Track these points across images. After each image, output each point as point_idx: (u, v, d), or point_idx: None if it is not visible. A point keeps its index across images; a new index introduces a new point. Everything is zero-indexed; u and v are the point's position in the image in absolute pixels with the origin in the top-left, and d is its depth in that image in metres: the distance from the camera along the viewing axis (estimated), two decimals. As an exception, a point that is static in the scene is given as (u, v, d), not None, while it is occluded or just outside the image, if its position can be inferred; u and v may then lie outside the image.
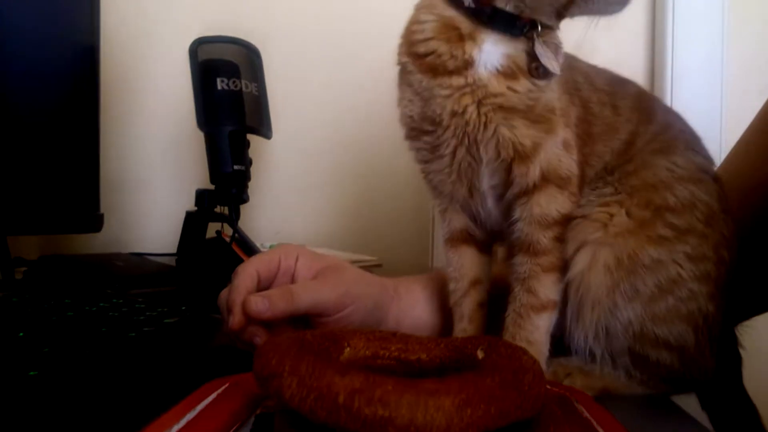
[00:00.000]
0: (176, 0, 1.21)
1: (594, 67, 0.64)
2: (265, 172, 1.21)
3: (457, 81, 0.56)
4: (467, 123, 0.56)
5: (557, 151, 0.57)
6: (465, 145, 0.58)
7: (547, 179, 0.57)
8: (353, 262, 1.05)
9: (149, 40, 1.19)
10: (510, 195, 0.59)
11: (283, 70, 1.15)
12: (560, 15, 0.58)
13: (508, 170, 0.58)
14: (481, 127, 0.56)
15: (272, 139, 1.05)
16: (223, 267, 0.94)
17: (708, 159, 0.63)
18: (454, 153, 0.59)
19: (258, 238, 1.17)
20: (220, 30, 0.99)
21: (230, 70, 0.97)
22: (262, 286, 0.58)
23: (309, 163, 1.26)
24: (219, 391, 0.42)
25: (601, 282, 0.56)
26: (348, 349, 0.46)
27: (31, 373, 0.43)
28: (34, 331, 0.53)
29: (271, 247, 1.10)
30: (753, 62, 1.30)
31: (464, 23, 0.57)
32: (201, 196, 1.01)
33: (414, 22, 0.59)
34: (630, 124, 0.61)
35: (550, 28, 0.59)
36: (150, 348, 0.53)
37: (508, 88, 0.56)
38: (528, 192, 0.57)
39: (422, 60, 0.58)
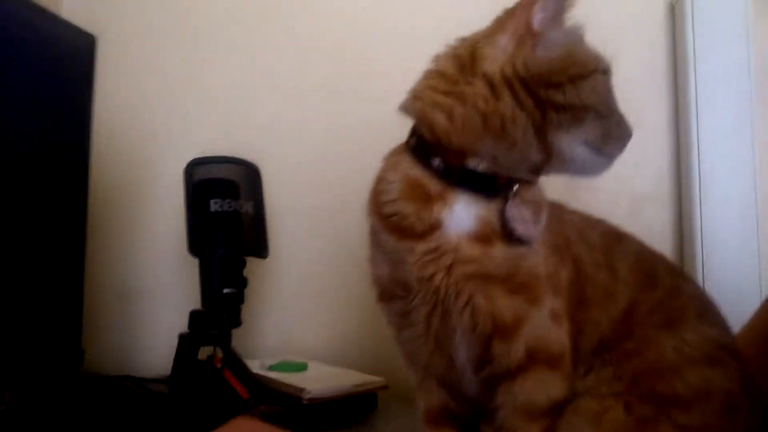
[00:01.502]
0: (170, 119, 1.21)
1: (587, 219, 0.57)
2: (267, 287, 1.16)
3: (424, 245, 0.50)
4: (437, 290, 0.50)
5: (545, 325, 0.50)
6: (439, 313, 0.51)
7: (533, 359, 0.50)
8: (358, 385, 0.98)
9: (142, 160, 1.19)
10: (490, 374, 0.51)
11: (281, 186, 1.12)
12: (537, 172, 0.52)
13: (487, 344, 0.51)
14: (453, 296, 0.50)
15: (274, 254, 1.01)
16: (215, 394, 0.90)
17: (725, 329, 0.55)
18: (428, 321, 0.52)
19: (260, 355, 1.12)
20: (216, 149, 0.96)
21: (226, 190, 0.94)
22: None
23: (312, 278, 1.21)
24: None
25: None
26: None
27: None
28: None
29: (271, 368, 1.04)
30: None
31: (433, 183, 0.51)
32: (193, 318, 0.97)
33: (380, 181, 0.54)
34: (629, 290, 0.54)
35: (530, 183, 0.52)
36: None
37: (483, 253, 0.49)
38: (511, 374, 0.50)
39: (388, 220, 0.52)
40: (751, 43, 1.11)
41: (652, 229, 1.14)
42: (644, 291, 0.54)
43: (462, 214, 0.50)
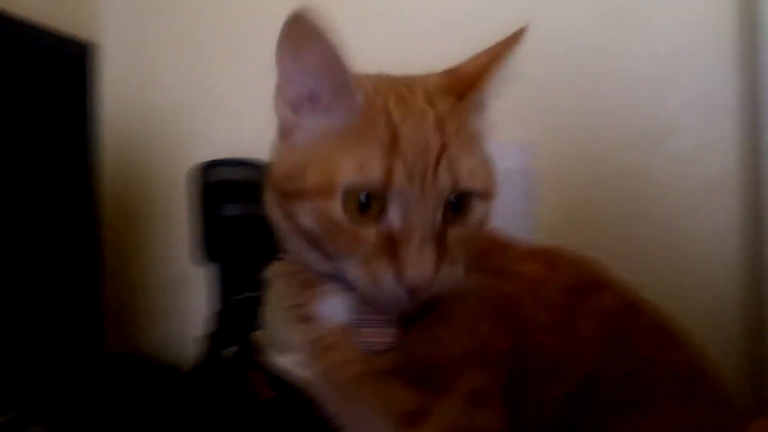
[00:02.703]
0: (180, 121, 1.21)
1: (553, 267, 0.49)
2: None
3: (311, 333, 0.46)
4: (331, 383, 0.45)
5: (460, 411, 0.43)
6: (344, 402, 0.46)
7: None
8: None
9: (151, 165, 1.19)
10: None
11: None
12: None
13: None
14: (347, 392, 0.44)
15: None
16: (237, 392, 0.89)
17: (716, 413, 0.44)
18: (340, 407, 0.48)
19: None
20: (230, 152, 0.94)
21: (241, 192, 0.92)
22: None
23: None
24: None
25: None
26: None
27: None
28: None
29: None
30: None
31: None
32: (216, 318, 0.96)
33: None
34: (589, 360, 0.45)
35: None
36: None
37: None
38: None
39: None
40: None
41: (718, 222, 1.00)
42: (610, 361, 0.44)
43: (336, 305, 0.45)
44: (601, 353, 0.45)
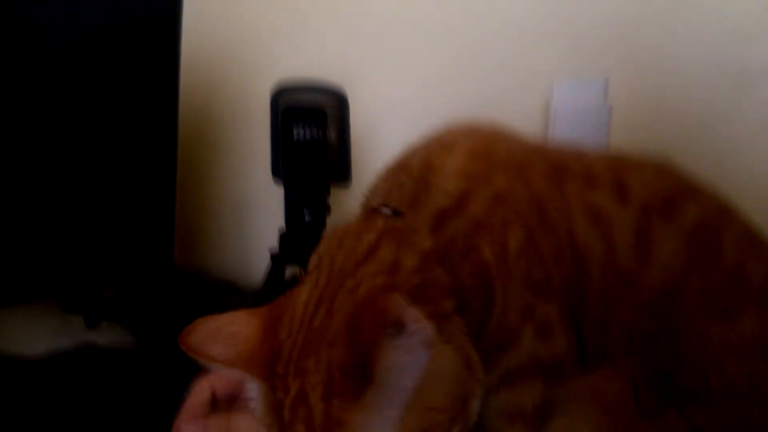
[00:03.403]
0: (257, 44, 1.21)
1: (622, 188, 0.48)
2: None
3: None
4: None
5: (533, 345, 0.45)
6: None
7: (523, 371, 0.45)
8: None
9: (229, 85, 1.21)
10: None
11: (369, 118, 1.10)
12: None
13: None
14: None
15: (358, 185, 1.01)
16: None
17: None
18: None
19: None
20: (306, 72, 0.96)
21: (311, 117, 0.95)
22: (222, 404, 0.54)
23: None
24: None
25: None
26: None
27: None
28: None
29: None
30: None
31: None
32: (282, 239, 1.01)
33: None
34: (669, 272, 0.45)
35: None
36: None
37: None
38: (491, 390, 0.45)
39: None
40: None
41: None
42: (692, 274, 0.45)
43: None
44: (682, 268, 0.45)
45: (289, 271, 1.03)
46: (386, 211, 0.46)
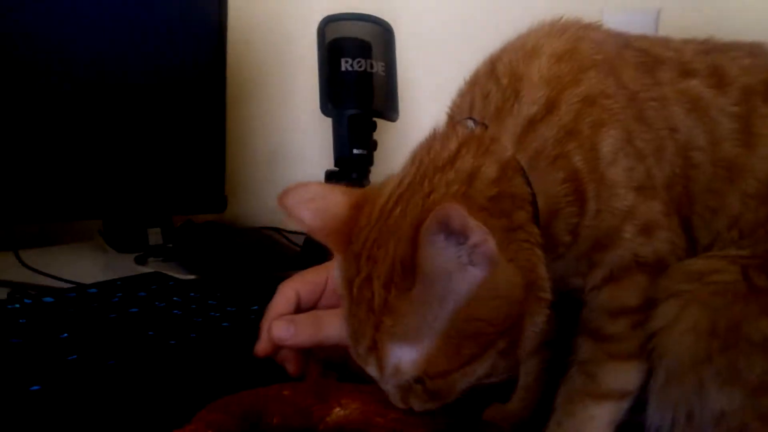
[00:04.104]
0: None
1: (722, 77, 0.47)
2: (397, 152, 1.16)
3: None
4: None
5: (635, 243, 0.44)
6: None
7: (626, 269, 0.44)
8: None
9: (276, 19, 1.20)
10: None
11: (415, 48, 1.08)
12: None
13: None
14: None
15: (405, 119, 1.00)
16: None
17: None
18: None
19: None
20: (351, 6, 0.95)
21: (358, 49, 0.94)
22: (305, 307, 0.54)
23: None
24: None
25: (687, 349, 0.41)
26: (338, 409, 0.41)
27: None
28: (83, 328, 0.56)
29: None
30: None
31: None
32: (328, 177, 1.01)
33: None
34: None
35: None
36: (182, 358, 0.53)
37: None
38: (595, 286, 0.45)
39: None
40: None
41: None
42: None
43: None
44: None
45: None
46: (470, 123, 0.45)
